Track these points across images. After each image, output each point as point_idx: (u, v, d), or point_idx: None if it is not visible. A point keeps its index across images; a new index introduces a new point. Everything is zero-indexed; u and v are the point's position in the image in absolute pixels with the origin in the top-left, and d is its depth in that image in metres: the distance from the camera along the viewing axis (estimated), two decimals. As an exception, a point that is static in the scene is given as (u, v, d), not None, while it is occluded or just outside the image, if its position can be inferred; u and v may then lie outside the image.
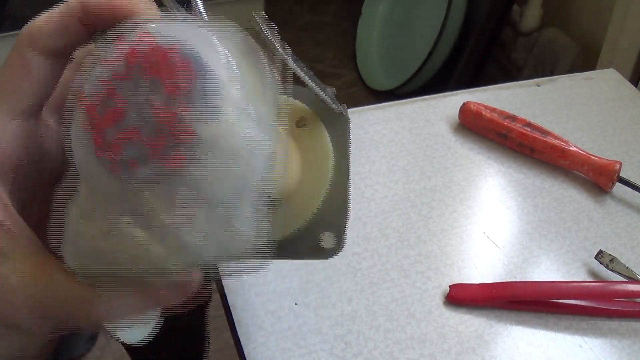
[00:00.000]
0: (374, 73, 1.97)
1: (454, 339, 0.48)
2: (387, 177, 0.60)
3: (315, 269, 0.52)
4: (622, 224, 0.57)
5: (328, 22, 2.19)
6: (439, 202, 0.58)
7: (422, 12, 1.86)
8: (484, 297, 0.50)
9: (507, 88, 0.72)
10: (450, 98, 0.69)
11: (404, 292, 0.51)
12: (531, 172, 0.62)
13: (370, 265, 0.52)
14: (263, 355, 0.46)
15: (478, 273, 0.52)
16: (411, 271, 0.52)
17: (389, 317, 0.49)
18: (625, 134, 0.67)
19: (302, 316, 0.48)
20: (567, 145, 0.61)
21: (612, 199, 0.60)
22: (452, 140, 0.65)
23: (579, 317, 0.50)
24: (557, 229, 0.57)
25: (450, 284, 0.51)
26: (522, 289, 0.50)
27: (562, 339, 0.48)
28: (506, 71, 1.76)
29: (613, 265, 0.51)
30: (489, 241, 0.55)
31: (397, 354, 0.46)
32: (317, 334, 0.47)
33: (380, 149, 0.63)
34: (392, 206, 0.57)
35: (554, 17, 1.62)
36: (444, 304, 0.50)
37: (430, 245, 0.54)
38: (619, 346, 0.48)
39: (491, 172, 0.62)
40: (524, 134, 0.62)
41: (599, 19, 1.43)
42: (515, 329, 0.49)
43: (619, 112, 0.70)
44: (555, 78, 0.74)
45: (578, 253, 0.55)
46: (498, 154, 0.64)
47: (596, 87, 0.73)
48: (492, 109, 0.65)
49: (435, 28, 1.70)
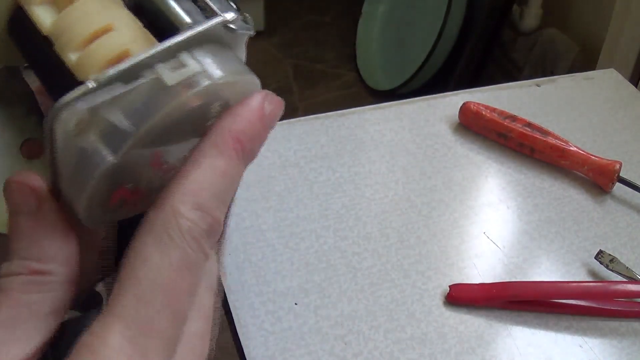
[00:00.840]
0: (374, 73, 1.97)
1: (454, 339, 0.48)
2: (387, 177, 0.60)
3: (315, 269, 0.52)
4: (622, 224, 0.57)
5: (328, 22, 2.19)
6: (439, 202, 0.58)
7: (422, 12, 1.86)
8: (484, 297, 0.50)
9: (507, 88, 0.72)
10: (450, 98, 0.69)
11: (404, 292, 0.51)
12: (531, 172, 0.62)
13: (370, 265, 0.52)
14: (263, 355, 0.46)
15: (478, 273, 0.52)
16: (411, 271, 0.52)
17: (389, 317, 0.49)
18: (625, 134, 0.67)
19: (302, 316, 0.48)
20: (567, 145, 0.61)
21: (612, 199, 0.60)
22: (452, 140, 0.65)
23: (579, 317, 0.50)
24: (557, 229, 0.57)
25: (450, 284, 0.51)
26: (522, 289, 0.50)
27: (562, 339, 0.48)
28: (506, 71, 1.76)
29: (613, 265, 0.51)
30: (489, 241, 0.55)
31: (397, 354, 0.46)
32: (317, 334, 0.47)
33: (380, 149, 0.63)
34: (392, 206, 0.57)
35: (554, 17, 1.62)
36: (444, 304, 0.50)
37: (430, 245, 0.54)
38: (619, 346, 0.48)
39: (491, 172, 0.62)
40: (524, 134, 0.62)
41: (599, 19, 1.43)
42: (515, 329, 0.49)
43: (619, 112, 0.70)
44: (555, 78, 0.74)
45: (578, 253, 0.55)
46: (498, 154, 0.64)
47: (596, 87, 0.73)
48: (492, 109, 0.65)
49: (435, 28, 1.70)
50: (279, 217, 0.55)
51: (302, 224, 0.55)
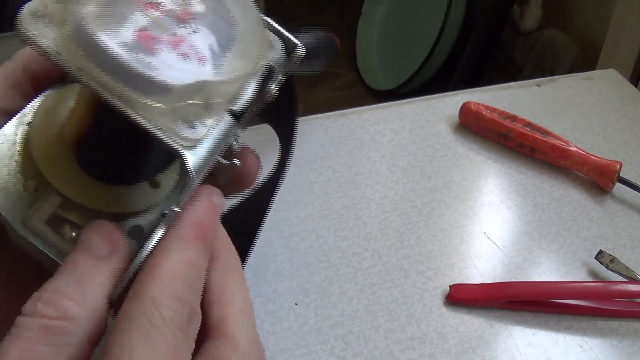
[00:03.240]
0: (374, 73, 1.97)
1: (454, 339, 0.48)
2: (387, 177, 0.60)
3: (315, 269, 0.52)
4: (622, 224, 0.57)
5: (328, 22, 2.19)
6: (439, 202, 0.58)
7: (422, 12, 1.86)
8: (484, 297, 0.50)
9: (507, 88, 0.72)
10: (450, 98, 0.69)
11: (404, 292, 0.51)
12: (531, 172, 0.62)
13: (371, 265, 0.52)
14: (263, 355, 0.46)
15: (478, 273, 0.52)
16: (411, 271, 0.52)
17: (389, 317, 0.49)
18: (625, 134, 0.67)
19: (302, 316, 0.48)
20: (567, 145, 0.61)
21: (612, 199, 0.60)
22: (452, 140, 0.65)
23: (579, 317, 0.50)
24: (557, 229, 0.56)
25: (450, 284, 0.51)
26: (522, 289, 0.50)
27: (562, 339, 0.48)
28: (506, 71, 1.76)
29: (613, 265, 0.51)
30: (489, 241, 0.55)
31: (397, 354, 0.46)
32: (317, 334, 0.47)
33: (380, 149, 0.63)
34: (392, 206, 0.57)
35: (554, 17, 1.61)
36: (444, 304, 0.50)
37: (430, 245, 0.54)
38: (619, 346, 0.48)
39: (491, 172, 0.62)
40: (524, 134, 0.62)
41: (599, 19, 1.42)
42: (515, 329, 0.49)
43: (619, 112, 0.70)
44: (555, 78, 0.74)
45: (578, 253, 0.54)
46: (498, 154, 0.64)
47: (596, 87, 0.73)
48: (492, 109, 0.65)
49: (435, 28, 1.70)
50: (279, 217, 0.55)
51: (302, 224, 0.55)
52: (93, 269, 0.24)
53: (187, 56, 0.24)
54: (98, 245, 0.24)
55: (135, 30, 0.23)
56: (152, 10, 0.24)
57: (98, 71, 0.22)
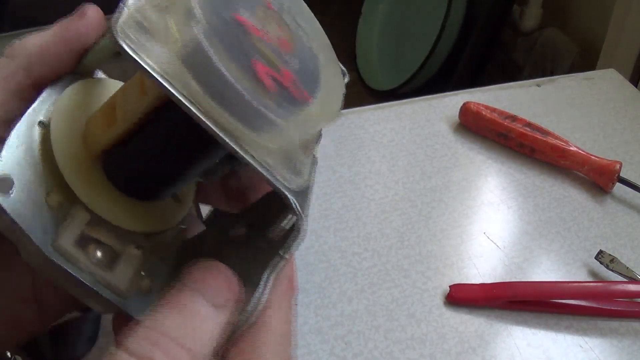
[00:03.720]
0: (374, 73, 1.97)
1: (454, 339, 0.48)
2: (387, 177, 0.60)
3: (315, 269, 0.52)
4: (622, 224, 0.57)
5: (328, 22, 2.19)
6: (439, 202, 0.58)
7: (422, 12, 1.86)
8: (484, 297, 0.50)
9: (507, 88, 0.72)
10: (450, 98, 0.69)
11: (404, 292, 0.51)
12: (531, 172, 0.62)
13: (371, 265, 0.52)
14: (263, 355, 0.46)
15: (478, 273, 0.52)
16: (411, 271, 0.52)
17: (389, 317, 0.49)
18: (625, 134, 0.67)
19: (302, 316, 0.48)
20: (567, 145, 0.61)
21: (612, 199, 0.60)
22: (452, 140, 0.65)
23: (579, 317, 0.50)
24: (557, 229, 0.56)
25: (450, 284, 0.51)
26: (522, 289, 0.50)
27: (562, 339, 0.48)
28: (506, 71, 1.76)
29: (613, 265, 0.51)
30: (489, 241, 0.55)
31: (397, 354, 0.46)
32: (317, 334, 0.47)
33: (380, 149, 0.63)
34: (392, 206, 0.57)
35: (554, 17, 1.61)
36: (444, 304, 0.50)
37: (430, 245, 0.54)
38: (619, 346, 0.48)
39: (491, 172, 0.62)
40: (524, 134, 0.62)
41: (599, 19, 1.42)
42: (515, 329, 0.49)
43: (619, 112, 0.70)
44: (555, 78, 0.74)
45: (578, 253, 0.54)
46: (498, 154, 0.64)
47: (596, 87, 0.73)
48: (492, 109, 0.65)
49: (435, 28, 1.70)
50: (279, 217, 0.55)
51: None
52: (206, 315, 0.21)
53: (294, 94, 0.22)
54: (217, 292, 0.22)
55: (253, 60, 0.20)
56: (265, 40, 0.22)
57: (209, 101, 0.19)
